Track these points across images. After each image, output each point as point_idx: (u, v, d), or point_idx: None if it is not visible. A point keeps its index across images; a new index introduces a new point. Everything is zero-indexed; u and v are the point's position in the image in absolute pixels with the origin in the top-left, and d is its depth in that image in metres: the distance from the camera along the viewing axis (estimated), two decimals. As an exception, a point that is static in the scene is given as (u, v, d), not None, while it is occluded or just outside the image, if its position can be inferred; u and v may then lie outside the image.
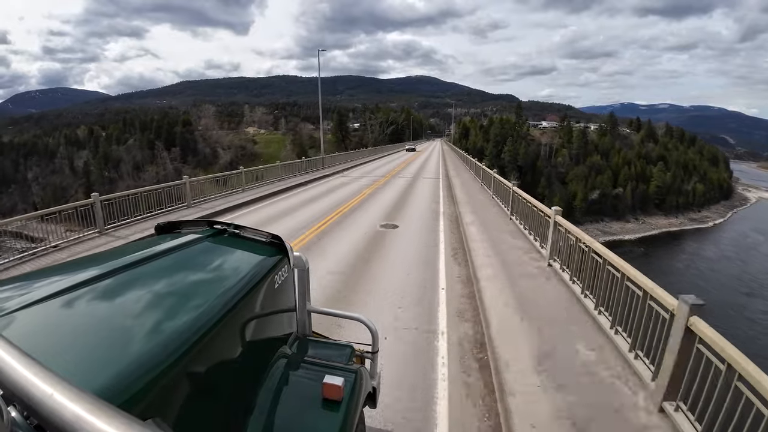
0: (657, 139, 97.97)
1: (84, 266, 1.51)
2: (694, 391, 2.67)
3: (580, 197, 65.28)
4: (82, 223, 8.36)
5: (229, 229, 2.22)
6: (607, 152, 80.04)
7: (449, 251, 7.70)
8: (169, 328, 1.18)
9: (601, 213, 69.47)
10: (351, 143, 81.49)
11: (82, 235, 8.34)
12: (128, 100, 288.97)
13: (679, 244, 63.28)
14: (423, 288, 5.86)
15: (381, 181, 20.35)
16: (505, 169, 65.93)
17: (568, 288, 5.28)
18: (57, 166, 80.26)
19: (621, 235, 66.78)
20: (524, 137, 77.66)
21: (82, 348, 1.04)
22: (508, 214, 9.89)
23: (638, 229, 70.65)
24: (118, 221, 9.10)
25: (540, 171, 70.79)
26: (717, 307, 33.86)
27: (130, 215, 9.44)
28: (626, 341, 3.68)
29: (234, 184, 14.84)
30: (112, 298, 1.30)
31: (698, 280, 43.46)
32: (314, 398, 1.59)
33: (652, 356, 3.23)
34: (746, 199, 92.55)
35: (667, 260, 52.89)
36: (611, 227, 69.00)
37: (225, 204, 12.34)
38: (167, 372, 1.04)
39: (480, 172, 17.81)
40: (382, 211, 11.92)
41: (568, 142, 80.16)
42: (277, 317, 1.96)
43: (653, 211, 76.80)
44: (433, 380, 3.67)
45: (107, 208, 8.86)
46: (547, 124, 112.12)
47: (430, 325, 4.73)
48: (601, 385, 3.30)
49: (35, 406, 0.45)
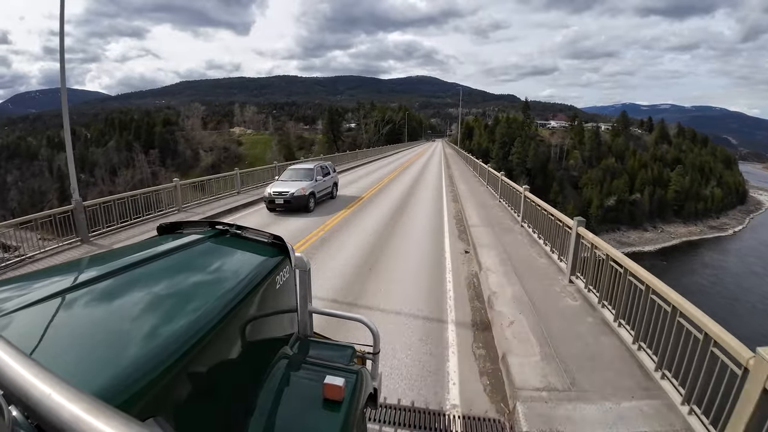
0: (670, 140, 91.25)
1: (85, 267, 1.52)
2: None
3: (596, 204, 58.49)
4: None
5: (231, 230, 2.19)
6: (621, 154, 73.31)
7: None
8: (170, 329, 1.16)
9: (618, 221, 62.83)
10: (344, 144, 74.16)
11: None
12: (127, 100, 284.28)
13: (700, 254, 57.75)
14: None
15: (366, 195, 15.27)
16: (513, 172, 59.33)
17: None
18: (37, 169, 74.99)
19: (640, 245, 60.32)
20: (533, 138, 70.81)
21: (82, 348, 1.03)
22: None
23: (657, 238, 64.20)
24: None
25: (552, 175, 63.91)
26: (758, 336, 27.71)
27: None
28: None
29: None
30: (114, 299, 1.29)
31: (728, 300, 38.39)
32: (315, 399, 1.56)
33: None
34: (760, 203, 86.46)
35: (690, 275, 47.56)
36: (629, 237, 62.45)
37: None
38: (167, 373, 1.03)
39: (497, 184, 11.54)
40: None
41: (580, 143, 73.29)
42: (279, 318, 1.92)
43: (671, 218, 70.35)
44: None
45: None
46: (555, 124, 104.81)
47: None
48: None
49: (34, 405, 0.45)
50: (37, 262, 6.99)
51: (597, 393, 3.23)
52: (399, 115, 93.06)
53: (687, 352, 2.88)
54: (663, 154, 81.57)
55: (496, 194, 12.91)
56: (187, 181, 12.15)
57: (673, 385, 3.11)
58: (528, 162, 64.41)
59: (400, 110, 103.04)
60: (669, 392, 3.11)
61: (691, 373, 2.83)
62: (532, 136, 71.22)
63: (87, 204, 8.22)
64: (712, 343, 2.65)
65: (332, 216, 10.85)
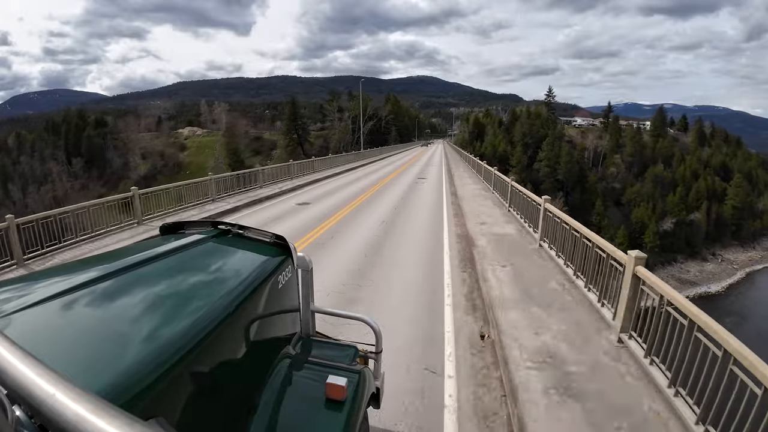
0: (709, 141, 74.98)
1: (87, 267, 1.48)
2: None
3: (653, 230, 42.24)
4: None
5: (233, 230, 2.15)
6: (667, 160, 57.15)
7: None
8: (172, 329, 1.14)
9: (672, 249, 46.79)
10: (313, 148, 56.57)
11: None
12: (123, 101, 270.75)
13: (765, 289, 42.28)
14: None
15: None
16: (540, 186, 43.23)
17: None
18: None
19: (705, 284, 44.61)
20: (559, 138, 54.29)
21: (85, 348, 1.02)
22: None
23: (721, 271, 48.44)
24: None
25: (593, 188, 47.38)
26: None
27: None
28: None
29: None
30: (116, 299, 1.26)
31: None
32: (317, 398, 1.54)
33: None
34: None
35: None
36: (688, 271, 46.59)
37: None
38: (170, 372, 1.02)
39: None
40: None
41: (616, 145, 56.83)
42: (281, 317, 1.89)
43: (728, 240, 54.41)
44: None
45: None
46: (582, 121, 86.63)
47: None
48: None
49: (37, 405, 0.44)
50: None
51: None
52: (387, 108, 71.72)
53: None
54: (708, 158, 65.58)
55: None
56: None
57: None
58: (559, 171, 47.67)
59: (388, 101, 77.45)
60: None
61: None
62: (558, 136, 54.53)
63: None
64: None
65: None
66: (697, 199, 52.92)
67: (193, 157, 51.10)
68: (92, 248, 7.45)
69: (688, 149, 67.71)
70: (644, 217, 44.37)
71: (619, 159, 54.10)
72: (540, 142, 50.97)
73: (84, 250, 7.41)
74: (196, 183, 11.70)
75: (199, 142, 58.13)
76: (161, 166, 46.49)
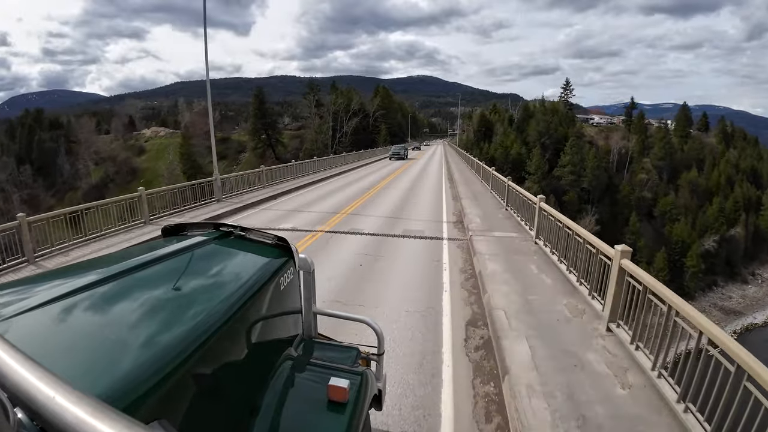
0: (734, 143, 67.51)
1: (89, 269, 1.46)
2: None
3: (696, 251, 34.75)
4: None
5: (235, 231, 2.12)
6: (699, 164, 49.72)
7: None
8: (174, 332, 1.13)
9: (713, 270, 39.38)
10: (287, 150, 48.52)
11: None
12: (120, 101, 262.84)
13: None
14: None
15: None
16: (563, 197, 36.09)
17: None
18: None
19: (750, 312, 37.39)
20: (578, 137, 46.69)
21: (86, 351, 1.00)
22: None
23: (763, 295, 40.97)
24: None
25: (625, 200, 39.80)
26: None
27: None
28: None
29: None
30: (118, 301, 1.25)
31: None
32: (319, 400, 1.52)
33: None
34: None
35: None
36: (731, 297, 39.34)
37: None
38: (171, 375, 1.01)
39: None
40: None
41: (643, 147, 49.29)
42: (283, 319, 1.88)
43: (765, 257, 47.06)
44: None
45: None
46: (600, 119, 78.20)
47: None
48: None
49: (38, 408, 0.43)
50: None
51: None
52: (375, 102, 61.24)
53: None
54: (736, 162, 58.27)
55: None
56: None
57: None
58: (584, 179, 40.08)
59: (377, 95, 64.55)
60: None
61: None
62: (577, 135, 46.89)
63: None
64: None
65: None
66: (735, 210, 45.59)
67: (151, 162, 43.63)
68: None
69: (715, 151, 60.47)
70: (684, 235, 36.92)
71: (648, 163, 46.57)
72: (559, 144, 43.51)
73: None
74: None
75: (160, 144, 50.11)
76: (113, 173, 39.30)
